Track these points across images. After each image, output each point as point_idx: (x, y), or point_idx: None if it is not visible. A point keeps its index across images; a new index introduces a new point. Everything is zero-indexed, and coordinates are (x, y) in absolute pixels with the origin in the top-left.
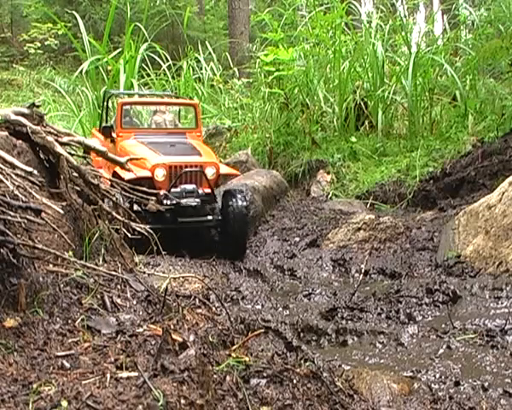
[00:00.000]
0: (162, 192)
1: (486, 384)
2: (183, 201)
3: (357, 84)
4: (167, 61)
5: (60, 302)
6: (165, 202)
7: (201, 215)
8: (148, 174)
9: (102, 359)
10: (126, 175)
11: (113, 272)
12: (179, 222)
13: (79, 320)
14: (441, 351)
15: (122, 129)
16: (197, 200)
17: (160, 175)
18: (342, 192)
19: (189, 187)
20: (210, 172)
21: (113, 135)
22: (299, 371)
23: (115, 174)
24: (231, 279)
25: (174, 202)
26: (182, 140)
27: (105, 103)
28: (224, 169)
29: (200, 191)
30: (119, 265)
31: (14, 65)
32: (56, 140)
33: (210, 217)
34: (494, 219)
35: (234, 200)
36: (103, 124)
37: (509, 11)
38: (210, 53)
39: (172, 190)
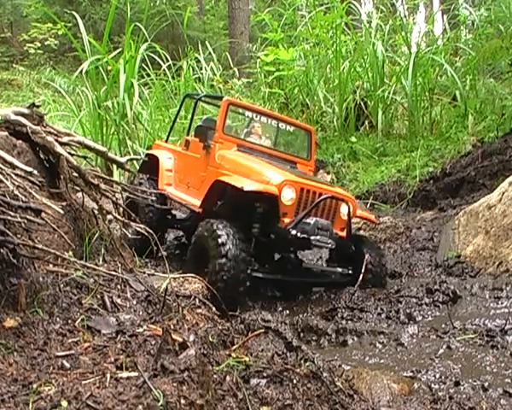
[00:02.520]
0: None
1: (486, 384)
2: (315, 238)
3: (357, 84)
4: (167, 61)
5: (60, 302)
6: (293, 232)
7: (329, 265)
8: (274, 191)
9: (102, 359)
10: (246, 186)
11: (113, 272)
12: (302, 269)
13: (79, 320)
14: (441, 351)
15: (224, 134)
16: (332, 241)
17: (287, 196)
18: None
19: (324, 222)
20: (345, 211)
21: (209, 141)
22: (299, 371)
23: (222, 183)
24: None
25: (305, 236)
26: (294, 168)
27: (182, 106)
28: (360, 212)
29: (334, 232)
30: (119, 265)
31: (14, 65)
32: (56, 140)
33: (339, 269)
34: (494, 219)
35: (369, 250)
36: (175, 133)
37: (509, 11)
38: (210, 53)
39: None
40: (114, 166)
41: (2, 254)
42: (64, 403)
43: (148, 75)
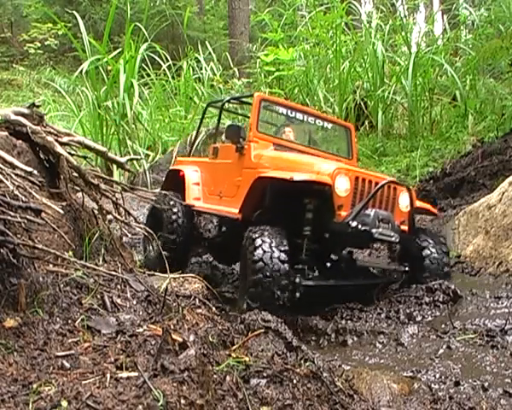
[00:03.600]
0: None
1: (486, 384)
2: (377, 231)
3: (357, 84)
4: (167, 61)
5: (60, 302)
6: (353, 224)
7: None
8: (327, 180)
9: (102, 359)
10: (296, 175)
11: (113, 272)
12: (357, 270)
13: (79, 320)
14: (441, 351)
15: (259, 133)
16: (396, 235)
17: (342, 187)
18: None
19: (384, 213)
20: (404, 202)
21: (242, 142)
22: (299, 371)
23: (265, 181)
24: None
25: (367, 228)
26: None
27: (205, 112)
28: (419, 203)
29: (396, 224)
30: (119, 265)
31: (14, 65)
32: (56, 140)
33: (395, 266)
34: (494, 219)
35: (430, 245)
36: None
37: (509, 11)
38: (210, 53)
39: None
40: (114, 166)
41: (2, 254)
42: (64, 403)
43: (148, 75)
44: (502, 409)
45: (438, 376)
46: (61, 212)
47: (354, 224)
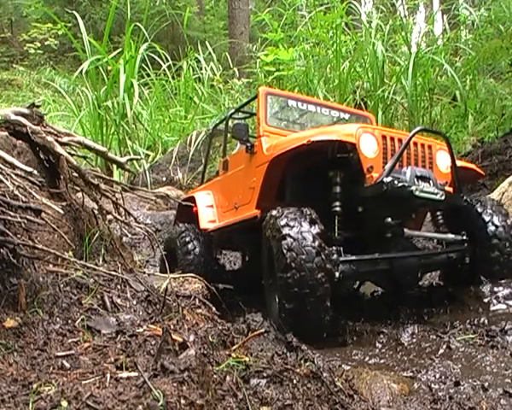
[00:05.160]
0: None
1: (486, 384)
2: (418, 187)
3: (357, 84)
4: (167, 61)
5: (60, 302)
6: (387, 179)
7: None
8: (351, 139)
9: (102, 359)
10: (313, 137)
11: (113, 272)
12: (405, 241)
13: (79, 320)
14: (441, 351)
15: (269, 126)
16: (440, 191)
17: (368, 146)
18: None
19: (422, 169)
20: (444, 161)
21: (251, 141)
22: (299, 371)
23: (281, 160)
24: None
25: (405, 184)
26: None
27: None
28: (461, 162)
29: (439, 182)
30: (119, 265)
31: (14, 65)
32: (56, 140)
33: (451, 235)
34: None
35: (490, 214)
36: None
37: (509, 11)
38: (210, 53)
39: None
40: (114, 166)
41: (2, 254)
42: (64, 403)
43: (148, 75)
44: (502, 409)
45: (438, 376)
46: (61, 212)
47: (389, 179)
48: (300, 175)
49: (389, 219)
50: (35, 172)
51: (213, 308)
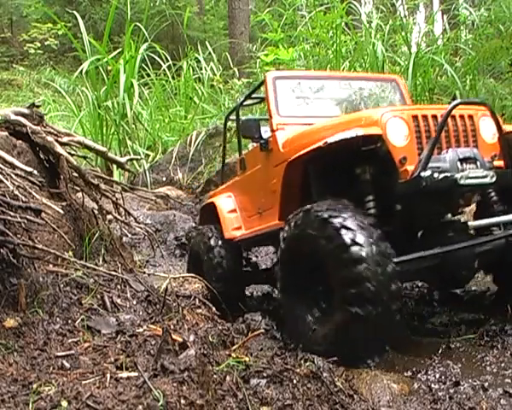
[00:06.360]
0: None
1: (486, 384)
2: (464, 174)
3: None
4: (167, 61)
5: (60, 302)
6: (425, 173)
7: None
8: (376, 131)
9: (102, 359)
10: (330, 138)
11: (113, 272)
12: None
13: (79, 320)
14: (441, 351)
15: (282, 117)
16: (491, 173)
17: (397, 133)
18: None
19: (465, 149)
20: (489, 129)
21: (264, 137)
22: (299, 371)
23: (297, 164)
24: None
25: (447, 174)
26: None
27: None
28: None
29: (486, 160)
30: (119, 265)
31: (14, 65)
32: (56, 140)
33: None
34: None
35: None
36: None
37: (509, 11)
38: (210, 53)
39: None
40: (114, 166)
41: (2, 254)
42: (64, 403)
43: (148, 75)
44: (502, 409)
45: (438, 376)
46: (61, 212)
47: (428, 173)
48: (326, 172)
49: (449, 215)
50: (35, 172)
51: (213, 308)
